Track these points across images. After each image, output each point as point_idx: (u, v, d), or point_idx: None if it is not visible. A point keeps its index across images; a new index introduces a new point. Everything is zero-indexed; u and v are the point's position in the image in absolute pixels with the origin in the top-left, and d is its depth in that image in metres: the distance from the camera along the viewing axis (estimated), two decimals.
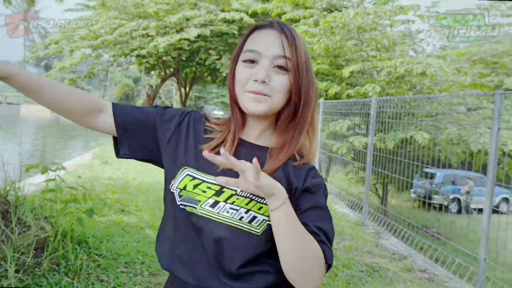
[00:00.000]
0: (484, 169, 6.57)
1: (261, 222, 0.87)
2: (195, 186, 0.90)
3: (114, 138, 1.00)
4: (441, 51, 8.63)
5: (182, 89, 17.81)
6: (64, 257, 2.80)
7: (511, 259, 4.69)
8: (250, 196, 0.88)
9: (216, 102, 64.69)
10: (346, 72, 7.64)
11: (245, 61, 0.90)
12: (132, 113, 0.99)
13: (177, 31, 11.66)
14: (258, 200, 0.88)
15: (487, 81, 7.74)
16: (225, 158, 0.76)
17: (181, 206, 0.90)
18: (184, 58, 14.26)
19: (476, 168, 6.94)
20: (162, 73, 15.62)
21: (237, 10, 11.65)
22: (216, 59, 12.96)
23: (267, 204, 0.83)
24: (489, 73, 8.35)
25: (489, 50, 7.33)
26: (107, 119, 0.97)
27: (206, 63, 13.14)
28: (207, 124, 0.99)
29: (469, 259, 3.95)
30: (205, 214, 0.88)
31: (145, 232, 4.14)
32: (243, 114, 0.94)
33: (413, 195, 8.70)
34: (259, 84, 0.87)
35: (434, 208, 8.80)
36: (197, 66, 15.28)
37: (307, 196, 0.90)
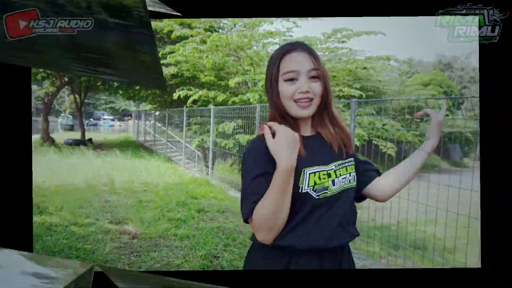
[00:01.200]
0: None
1: (354, 178, 1.12)
2: (319, 178, 1.04)
3: None
4: None
5: (77, 97, 16.64)
6: None
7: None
8: (342, 166, 1.10)
9: (105, 108, 60.21)
10: (232, 83, 8.64)
11: (286, 80, 1.06)
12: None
13: None
14: (345, 165, 1.10)
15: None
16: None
17: (317, 198, 1.03)
18: None
19: None
20: (58, 82, 14.49)
21: None
22: None
23: (349, 165, 1.11)
24: (332, 85, 10.10)
25: (331, 68, 9.05)
26: None
27: None
28: None
29: None
30: (333, 193, 1.06)
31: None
32: (294, 119, 1.09)
33: None
34: (304, 94, 1.05)
35: None
36: None
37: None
